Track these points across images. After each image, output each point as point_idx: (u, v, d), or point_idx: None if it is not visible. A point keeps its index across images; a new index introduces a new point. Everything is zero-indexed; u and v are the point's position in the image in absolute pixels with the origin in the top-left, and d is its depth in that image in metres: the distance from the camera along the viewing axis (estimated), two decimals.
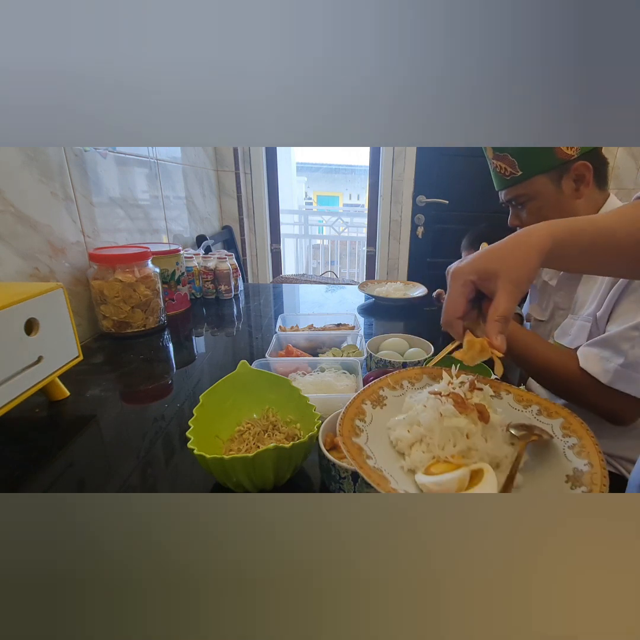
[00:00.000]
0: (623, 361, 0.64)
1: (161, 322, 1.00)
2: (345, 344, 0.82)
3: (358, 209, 4.84)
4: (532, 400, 0.48)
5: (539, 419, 0.46)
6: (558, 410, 0.46)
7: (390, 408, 0.47)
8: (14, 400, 0.53)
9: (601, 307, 0.70)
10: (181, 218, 1.54)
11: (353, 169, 6.67)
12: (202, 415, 0.49)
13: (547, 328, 0.91)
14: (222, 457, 0.41)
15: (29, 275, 0.79)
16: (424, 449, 0.41)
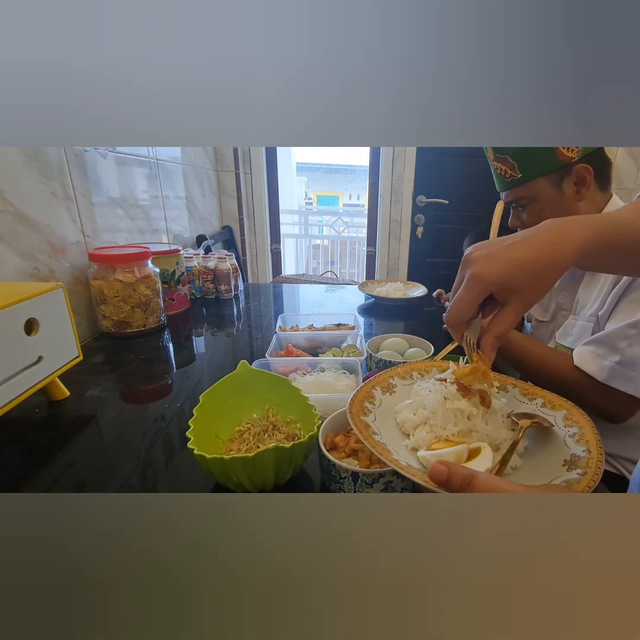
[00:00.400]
0: (619, 359, 0.64)
1: (161, 322, 1.00)
2: (345, 344, 0.82)
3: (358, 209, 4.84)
4: (537, 394, 0.50)
5: (543, 411, 0.47)
6: (562, 403, 0.47)
7: (399, 395, 0.50)
8: (14, 400, 0.53)
9: (603, 306, 0.70)
10: (181, 218, 1.54)
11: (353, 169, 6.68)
12: (202, 415, 0.48)
13: (549, 328, 0.91)
14: (222, 457, 0.41)
15: (29, 275, 0.79)
16: (428, 430, 0.43)
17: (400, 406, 0.47)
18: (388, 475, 0.43)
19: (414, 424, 0.44)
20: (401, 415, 0.46)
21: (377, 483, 0.43)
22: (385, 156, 2.03)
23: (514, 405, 0.48)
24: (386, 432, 0.43)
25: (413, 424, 0.44)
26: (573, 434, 0.42)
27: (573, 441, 0.41)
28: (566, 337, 0.79)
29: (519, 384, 0.52)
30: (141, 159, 1.23)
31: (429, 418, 0.43)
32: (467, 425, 0.42)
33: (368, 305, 1.27)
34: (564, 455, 0.40)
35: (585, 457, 0.38)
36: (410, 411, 0.45)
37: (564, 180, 0.77)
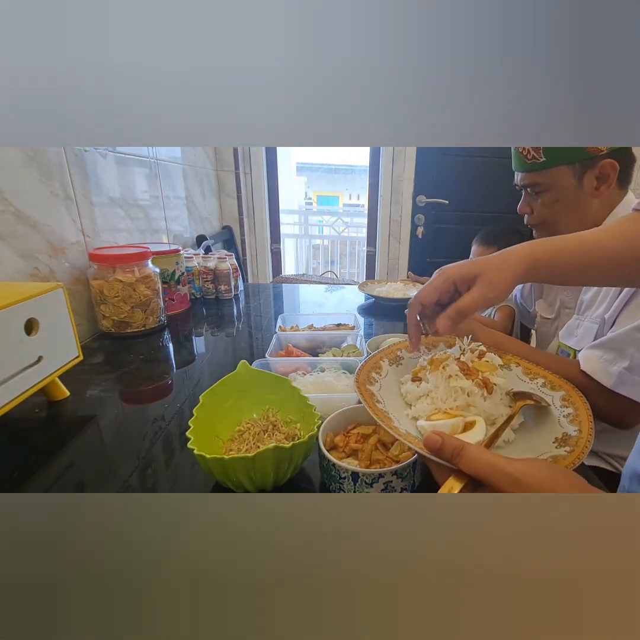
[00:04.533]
0: (627, 364, 0.62)
1: (161, 322, 1.00)
2: (345, 344, 0.82)
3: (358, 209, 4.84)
4: (539, 374, 0.52)
5: (543, 390, 0.49)
6: (562, 384, 0.49)
7: (405, 367, 0.52)
8: (14, 400, 0.53)
9: (610, 309, 0.69)
10: (181, 218, 1.54)
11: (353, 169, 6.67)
12: (202, 415, 0.48)
13: (554, 326, 0.90)
14: (222, 457, 0.41)
15: (29, 275, 0.79)
16: (429, 402, 0.45)
17: (405, 377, 0.50)
18: (388, 475, 0.43)
19: (416, 395, 0.47)
20: (405, 386, 0.48)
21: (377, 483, 0.43)
22: (385, 156, 2.03)
23: (515, 384, 0.50)
24: (390, 401, 0.45)
25: (416, 395, 0.47)
26: (568, 414, 0.44)
27: (567, 421, 0.43)
28: (570, 337, 0.78)
29: (523, 363, 0.54)
30: (141, 159, 1.23)
31: (431, 391, 0.46)
32: (466, 400, 0.44)
33: (368, 305, 1.27)
34: (556, 433, 0.42)
35: (576, 437, 0.40)
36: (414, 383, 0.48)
37: (587, 172, 0.74)
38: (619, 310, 0.67)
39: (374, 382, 0.46)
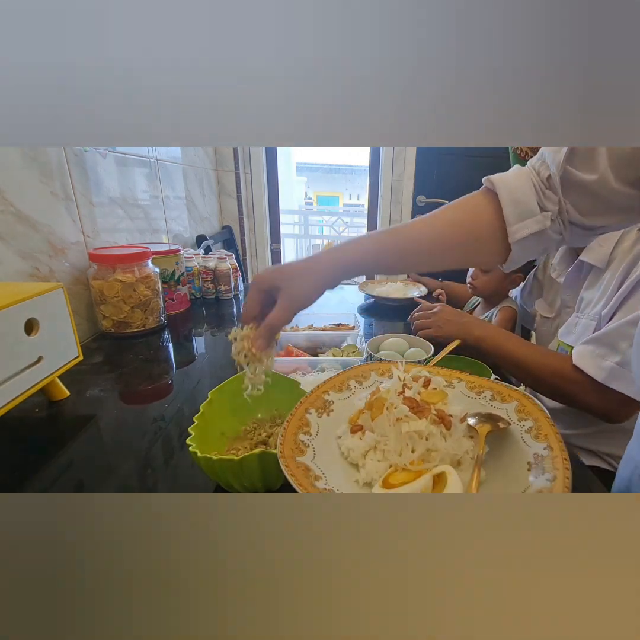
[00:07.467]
0: (619, 359, 0.63)
1: (161, 322, 1.00)
2: (345, 344, 0.82)
3: (358, 209, 4.84)
4: (484, 386, 0.46)
5: (493, 404, 0.44)
6: (511, 393, 0.44)
7: (337, 414, 0.43)
8: (14, 400, 0.53)
9: (607, 305, 0.69)
10: (181, 218, 1.54)
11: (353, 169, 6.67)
12: (209, 411, 0.49)
13: (554, 325, 0.90)
14: (211, 457, 0.40)
15: (29, 275, 0.79)
16: (380, 457, 0.37)
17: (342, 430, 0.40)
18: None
19: (361, 451, 0.38)
20: (346, 442, 0.39)
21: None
22: (385, 156, 2.03)
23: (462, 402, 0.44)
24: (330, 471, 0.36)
25: (361, 451, 0.38)
26: (529, 429, 0.39)
27: (531, 437, 0.38)
28: (568, 335, 0.78)
29: (463, 377, 0.48)
30: (141, 159, 1.23)
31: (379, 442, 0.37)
32: (426, 446, 0.36)
33: (368, 305, 1.27)
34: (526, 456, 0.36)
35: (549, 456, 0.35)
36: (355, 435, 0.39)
37: None
38: (616, 307, 0.67)
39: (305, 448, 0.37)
